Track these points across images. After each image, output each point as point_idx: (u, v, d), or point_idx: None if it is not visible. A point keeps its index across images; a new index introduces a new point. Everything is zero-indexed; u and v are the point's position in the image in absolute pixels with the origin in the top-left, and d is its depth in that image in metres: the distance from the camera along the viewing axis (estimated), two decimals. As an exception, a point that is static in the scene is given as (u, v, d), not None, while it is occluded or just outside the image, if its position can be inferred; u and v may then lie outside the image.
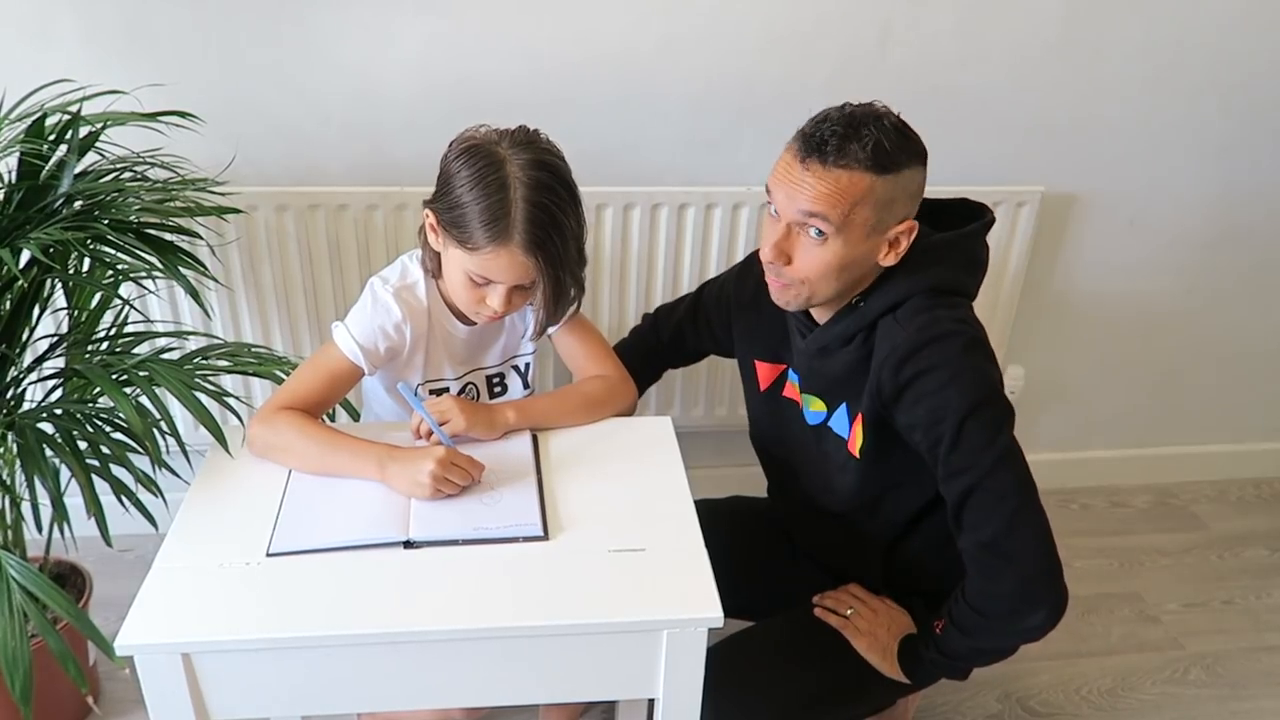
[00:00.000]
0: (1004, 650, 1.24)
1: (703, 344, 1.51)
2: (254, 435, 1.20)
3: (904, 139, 1.12)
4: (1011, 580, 1.15)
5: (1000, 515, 1.13)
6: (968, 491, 1.14)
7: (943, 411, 1.12)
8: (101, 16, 1.55)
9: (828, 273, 1.15)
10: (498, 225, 1.14)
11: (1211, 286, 2.12)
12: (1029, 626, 1.16)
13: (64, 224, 1.23)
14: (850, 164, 1.09)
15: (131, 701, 1.66)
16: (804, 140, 1.12)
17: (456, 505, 1.13)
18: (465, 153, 1.17)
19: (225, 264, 1.71)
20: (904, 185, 1.13)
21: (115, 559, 1.53)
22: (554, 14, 1.64)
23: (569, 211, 1.18)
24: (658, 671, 1.03)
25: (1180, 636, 1.92)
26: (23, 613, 1.22)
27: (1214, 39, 1.83)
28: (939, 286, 1.18)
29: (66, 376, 1.39)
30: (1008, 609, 1.16)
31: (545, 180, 1.15)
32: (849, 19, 1.71)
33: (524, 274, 1.19)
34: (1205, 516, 2.28)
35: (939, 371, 1.13)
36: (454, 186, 1.16)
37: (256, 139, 1.67)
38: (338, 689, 1.01)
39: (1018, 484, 1.14)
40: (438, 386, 1.35)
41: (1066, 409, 2.24)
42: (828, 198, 1.10)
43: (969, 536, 1.16)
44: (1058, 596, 1.16)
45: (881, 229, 1.14)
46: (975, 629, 1.19)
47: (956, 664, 1.26)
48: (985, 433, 1.12)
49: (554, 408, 1.31)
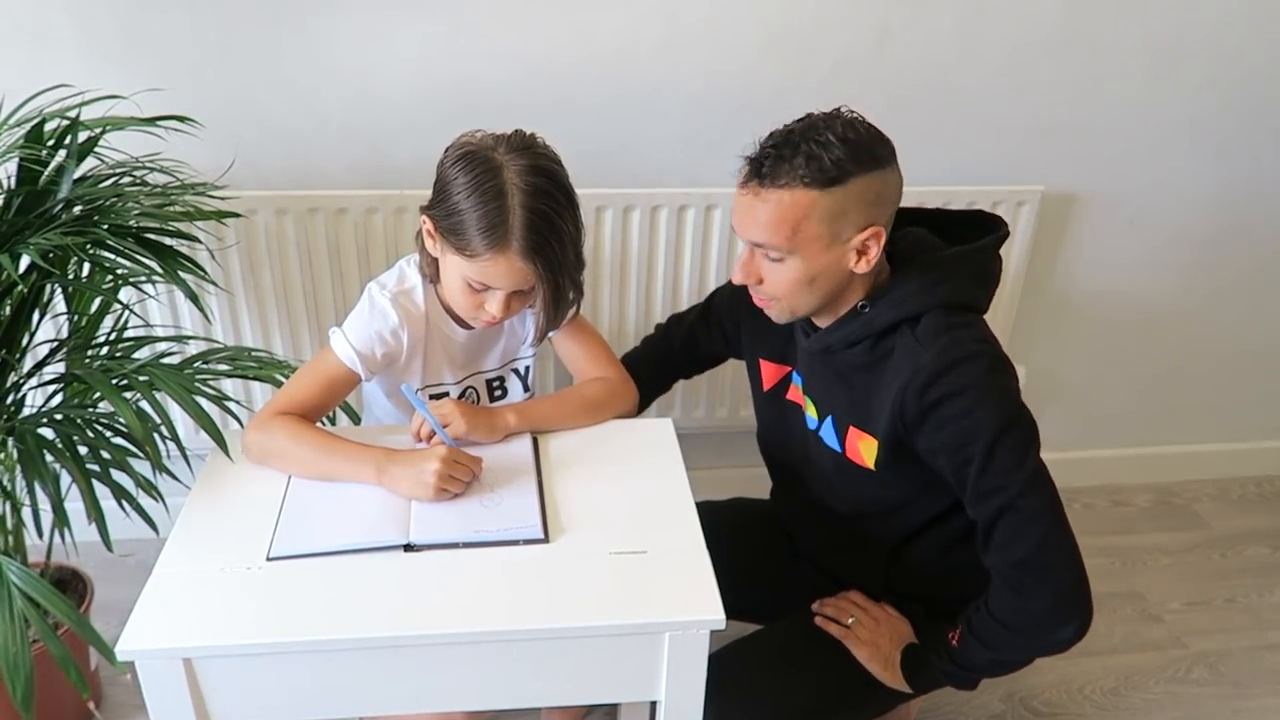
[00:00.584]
0: (1024, 662, 1.25)
1: (715, 346, 1.51)
2: (249, 441, 1.20)
3: (853, 149, 1.09)
4: (1046, 596, 1.15)
5: (1033, 535, 1.14)
6: (999, 513, 1.14)
7: (972, 434, 1.12)
8: (100, 21, 1.55)
9: (797, 289, 1.15)
10: (495, 232, 1.13)
11: (1212, 285, 2.12)
12: (1058, 640, 1.17)
13: (63, 229, 1.23)
14: (788, 183, 1.09)
15: (133, 706, 1.66)
16: (748, 163, 1.13)
17: (456, 508, 1.13)
18: (462, 159, 1.16)
19: (225, 268, 1.71)
20: (856, 194, 1.10)
21: (115, 564, 1.52)
22: (552, 16, 1.64)
23: (566, 216, 1.17)
24: (660, 674, 1.03)
25: (1183, 635, 1.92)
26: (24, 618, 1.22)
27: (1213, 37, 1.83)
28: (952, 302, 1.18)
29: (66, 381, 1.39)
30: (1038, 623, 1.17)
31: (542, 186, 1.15)
32: (847, 19, 1.71)
33: (523, 280, 1.18)
34: (1207, 515, 2.28)
35: (965, 396, 1.12)
36: (451, 193, 1.16)
37: (255, 143, 1.67)
38: (339, 693, 1.01)
39: (1048, 503, 1.15)
40: (437, 391, 1.35)
41: (1067, 408, 2.23)
42: (769, 224, 1.11)
43: (999, 555, 1.16)
44: (1088, 610, 1.16)
45: (841, 240, 1.13)
46: (999, 643, 1.19)
47: (972, 675, 1.26)
48: (1014, 454, 1.13)
49: (555, 410, 1.31)
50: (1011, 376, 1.17)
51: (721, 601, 1.01)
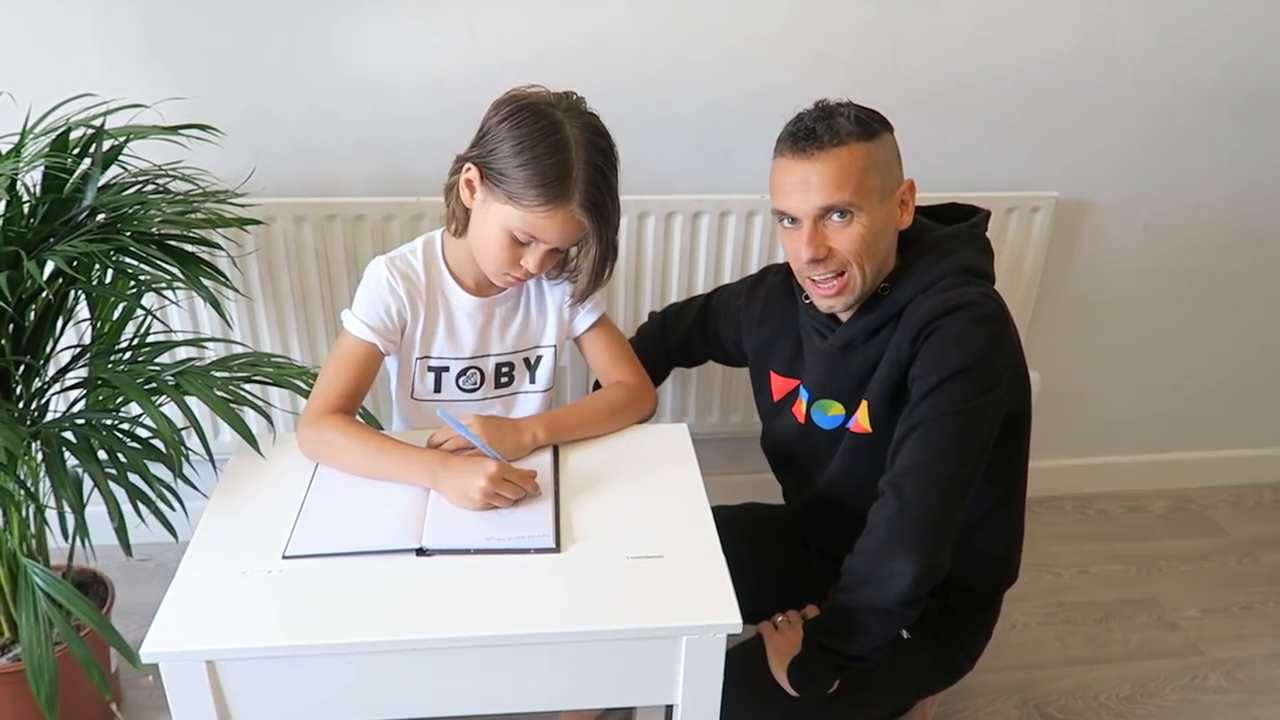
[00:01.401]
0: (870, 619, 1.17)
1: (712, 354, 1.52)
2: (303, 438, 1.23)
3: (864, 112, 1.20)
4: (890, 516, 1.15)
5: (921, 456, 1.15)
6: (909, 431, 1.17)
7: (935, 365, 1.16)
8: (124, 32, 1.58)
9: (865, 247, 1.20)
10: (560, 184, 1.16)
11: (1228, 290, 2.11)
12: (892, 573, 1.14)
13: (88, 236, 1.25)
14: (844, 139, 1.16)
15: (151, 708, 1.67)
16: (792, 140, 1.19)
17: (471, 514, 1.14)
18: (522, 110, 1.18)
19: (244, 274, 1.73)
20: (890, 147, 1.21)
21: (135, 568, 1.54)
22: (568, 25, 1.66)
23: (615, 178, 1.22)
24: (677, 678, 1.03)
25: (1199, 642, 1.91)
26: (48, 620, 1.24)
27: (1227, 43, 1.83)
28: (965, 267, 1.23)
29: (90, 386, 1.40)
30: (877, 548, 1.15)
31: (601, 145, 1.19)
32: (861, 28, 1.72)
33: (575, 234, 1.21)
34: (1223, 522, 2.27)
35: (947, 331, 1.17)
36: (508, 144, 1.17)
37: (275, 151, 1.69)
38: (360, 696, 1.02)
39: (956, 444, 1.15)
40: (438, 365, 1.34)
41: (1083, 414, 2.23)
42: (836, 180, 1.16)
43: (886, 475, 1.18)
44: (929, 559, 1.13)
45: (889, 191, 1.20)
46: (846, 583, 1.18)
47: (828, 637, 1.21)
48: (958, 395, 1.15)
49: (580, 420, 1.31)
50: (998, 337, 1.19)
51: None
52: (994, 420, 1.18)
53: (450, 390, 1.36)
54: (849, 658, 1.21)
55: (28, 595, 1.25)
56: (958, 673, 1.41)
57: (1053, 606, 1.98)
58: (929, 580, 1.15)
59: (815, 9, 1.69)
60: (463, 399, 1.37)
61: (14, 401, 1.34)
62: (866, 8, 1.70)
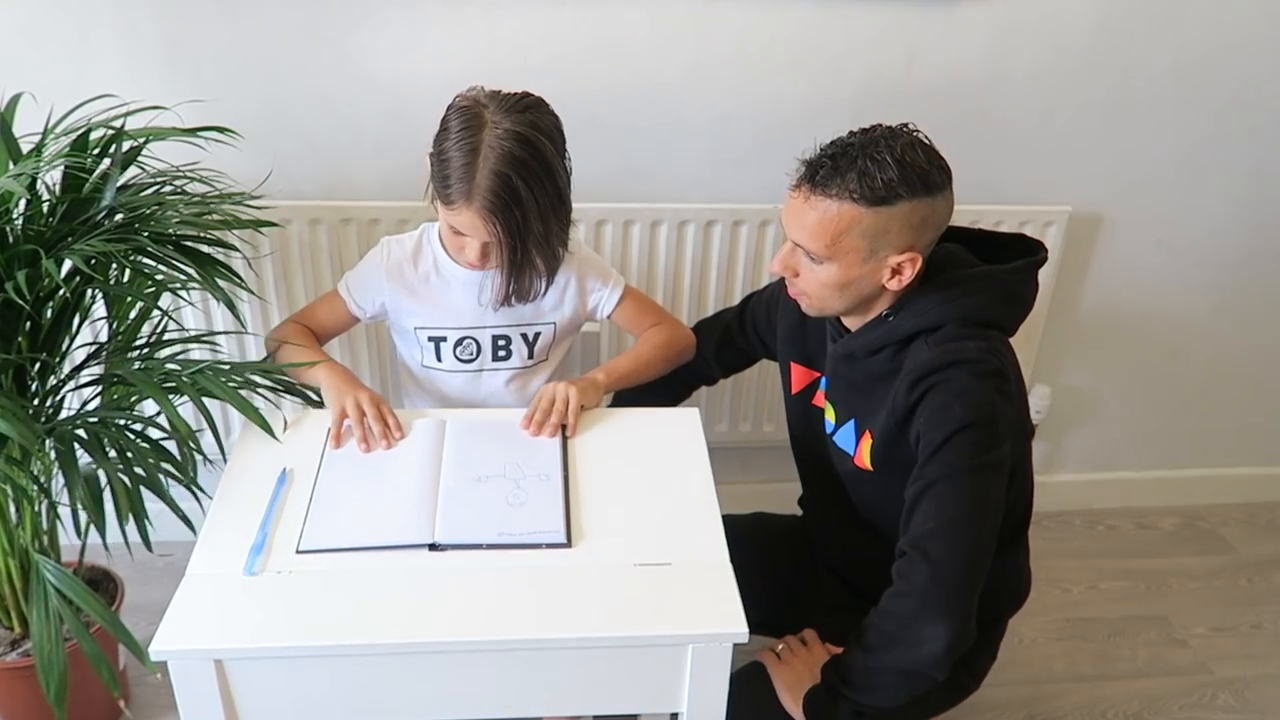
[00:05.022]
0: (897, 680, 1.15)
1: (752, 346, 1.52)
2: (270, 336, 1.44)
3: (907, 171, 1.10)
4: (922, 580, 1.11)
5: (941, 518, 1.12)
6: (922, 492, 1.14)
7: (938, 423, 1.13)
8: (143, 35, 1.59)
9: (828, 291, 1.18)
10: (461, 185, 1.21)
11: (1240, 307, 2.11)
12: (924, 639, 1.11)
13: (106, 236, 1.25)
14: (838, 195, 1.11)
15: (160, 706, 1.68)
16: (805, 165, 1.15)
17: (482, 507, 1.15)
18: (453, 110, 1.26)
19: (259, 276, 1.74)
20: (901, 217, 1.11)
21: (144, 565, 1.55)
22: (585, 32, 1.66)
23: (537, 187, 1.22)
24: (682, 686, 1.04)
25: (1208, 660, 1.90)
26: (59, 616, 1.24)
27: (1243, 60, 1.82)
28: (973, 317, 1.18)
29: (105, 384, 1.41)
30: (909, 612, 1.12)
31: (517, 153, 1.20)
32: (876, 40, 1.72)
33: (487, 236, 1.25)
34: (1233, 539, 2.26)
35: (948, 389, 1.13)
36: (441, 140, 1.24)
37: (292, 154, 1.70)
38: (366, 697, 1.03)
39: (975, 501, 1.12)
40: (436, 334, 1.39)
41: (1093, 430, 2.22)
42: (812, 230, 1.13)
43: (906, 536, 1.15)
44: (961, 624, 1.10)
45: (879, 256, 1.14)
46: (874, 643, 1.15)
47: (852, 691, 1.17)
48: (966, 452, 1.12)
49: (634, 366, 1.41)
50: (1002, 393, 1.15)
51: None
52: (1005, 472, 1.16)
53: (449, 361, 1.41)
54: (873, 707, 1.19)
55: (39, 591, 1.26)
56: (963, 692, 1.40)
57: (1061, 622, 1.98)
58: (962, 646, 1.12)
59: (831, 19, 1.70)
60: (461, 369, 1.42)
61: (29, 398, 1.36)
62: (882, 19, 1.71)
